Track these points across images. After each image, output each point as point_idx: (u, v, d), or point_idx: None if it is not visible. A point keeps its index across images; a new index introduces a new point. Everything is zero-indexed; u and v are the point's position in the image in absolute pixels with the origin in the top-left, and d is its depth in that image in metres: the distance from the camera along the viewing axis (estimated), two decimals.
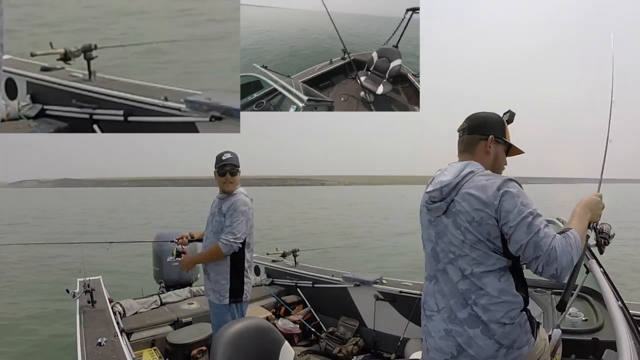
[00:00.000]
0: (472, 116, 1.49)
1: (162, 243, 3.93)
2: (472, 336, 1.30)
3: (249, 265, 2.51)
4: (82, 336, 2.31)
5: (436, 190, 1.38)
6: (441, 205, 1.37)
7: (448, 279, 1.37)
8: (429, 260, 1.47)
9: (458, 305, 1.33)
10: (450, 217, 1.34)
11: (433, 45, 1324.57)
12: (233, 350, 1.37)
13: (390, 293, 3.29)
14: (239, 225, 2.35)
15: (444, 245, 1.37)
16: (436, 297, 1.41)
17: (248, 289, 2.50)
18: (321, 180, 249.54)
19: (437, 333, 1.38)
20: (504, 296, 1.28)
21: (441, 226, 1.38)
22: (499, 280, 1.28)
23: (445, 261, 1.37)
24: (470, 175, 1.34)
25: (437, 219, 1.40)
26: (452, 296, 1.35)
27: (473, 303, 1.30)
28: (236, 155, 2.49)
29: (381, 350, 3.33)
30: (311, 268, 4.06)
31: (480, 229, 1.27)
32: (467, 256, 1.31)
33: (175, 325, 3.19)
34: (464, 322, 1.32)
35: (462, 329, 1.32)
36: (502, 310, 1.27)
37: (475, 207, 1.28)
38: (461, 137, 1.49)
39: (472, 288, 1.30)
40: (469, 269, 1.31)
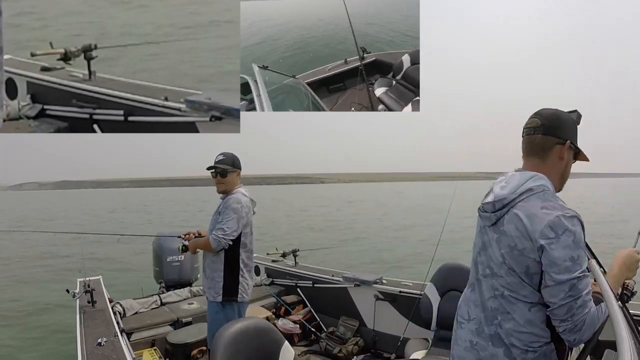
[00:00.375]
0: (545, 113, 1.28)
1: (163, 243, 3.94)
2: (494, 354, 1.24)
3: (245, 266, 2.51)
4: (82, 336, 2.31)
5: (489, 203, 1.28)
6: (490, 217, 1.27)
7: (482, 291, 1.31)
8: (472, 266, 1.40)
9: (487, 320, 1.28)
10: (496, 233, 1.26)
11: (433, 45, 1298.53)
12: (233, 350, 1.37)
13: (391, 293, 3.29)
14: (228, 222, 2.39)
15: (485, 258, 1.31)
16: (469, 306, 1.36)
17: (244, 290, 2.50)
18: (321, 178, 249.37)
19: (463, 343, 1.34)
20: (530, 327, 1.20)
21: (487, 237, 1.30)
22: (528, 310, 1.20)
23: (482, 273, 1.32)
24: (527, 194, 1.20)
25: (485, 229, 1.32)
26: (483, 309, 1.30)
27: (498, 324, 1.24)
28: (231, 156, 2.53)
29: (381, 350, 3.33)
30: (311, 268, 4.06)
31: (520, 259, 1.18)
32: (502, 278, 1.23)
33: (175, 325, 3.19)
34: (489, 339, 1.26)
35: (487, 344, 1.26)
36: (526, 340, 1.20)
37: (519, 235, 1.17)
38: (531, 135, 1.28)
39: (500, 309, 1.24)
40: (500, 290, 1.24)
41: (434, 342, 2.74)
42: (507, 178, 1.30)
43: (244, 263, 2.51)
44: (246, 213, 2.47)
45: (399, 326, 3.12)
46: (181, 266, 3.94)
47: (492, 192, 1.31)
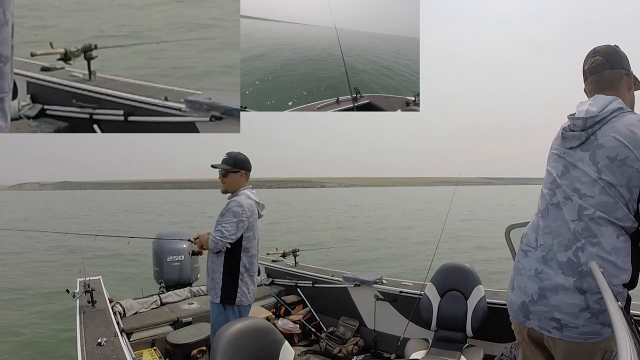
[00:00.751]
0: (603, 50, 1.32)
1: (163, 243, 3.94)
2: (560, 284, 1.18)
3: (246, 270, 2.45)
4: (82, 336, 2.30)
5: (580, 119, 1.24)
6: (580, 136, 1.24)
7: (559, 215, 1.24)
8: (545, 194, 1.34)
9: (561, 246, 1.21)
10: (587, 150, 1.22)
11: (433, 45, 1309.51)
12: (233, 351, 1.37)
13: (391, 293, 3.29)
14: (227, 224, 2.34)
15: (569, 181, 1.25)
16: (538, 233, 1.30)
17: (244, 294, 2.44)
18: (321, 182, 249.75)
19: (527, 272, 1.29)
20: (615, 256, 1.14)
21: (571, 159, 1.26)
22: (617, 238, 1.15)
23: (563, 196, 1.25)
24: (618, 112, 1.21)
25: (569, 151, 1.28)
26: (557, 234, 1.23)
27: (580, 248, 1.17)
28: (234, 156, 2.46)
29: (381, 350, 3.33)
30: (311, 268, 4.06)
31: (622, 169, 1.14)
32: (593, 198, 1.18)
33: (175, 325, 3.19)
34: (559, 267, 1.20)
35: (554, 273, 1.20)
36: (607, 270, 1.12)
37: (620, 144, 1.15)
38: (599, 73, 1.31)
39: (586, 232, 1.17)
40: (590, 210, 1.18)
41: (434, 342, 2.75)
42: (591, 100, 1.28)
43: (245, 267, 2.45)
44: (247, 217, 2.39)
45: (399, 326, 3.12)
46: (181, 266, 3.94)
47: (577, 111, 1.28)
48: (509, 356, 2.46)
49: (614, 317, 0.79)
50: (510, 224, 2.94)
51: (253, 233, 2.48)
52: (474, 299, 2.78)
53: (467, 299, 2.81)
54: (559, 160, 1.32)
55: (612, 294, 0.95)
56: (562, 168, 1.29)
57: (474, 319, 2.74)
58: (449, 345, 2.68)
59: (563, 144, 1.31)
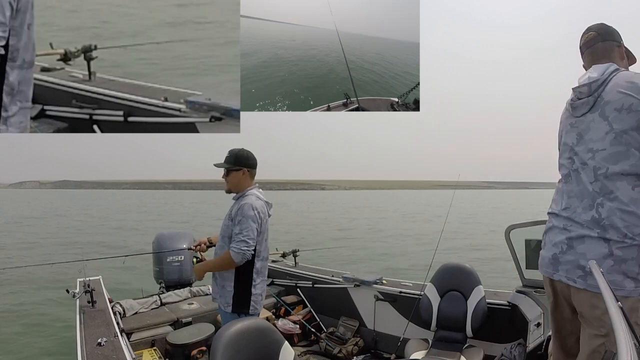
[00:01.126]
0: (595, 26, 1.49)
1: (163, 243, 3.93)
2: (586, 234, 1.29)
3: (258, 275, 2.29)
4: (82, 336, 2.30)
5: (585, 85, 1.38)
6: (588, 101, 1.37)
7: (580, 179, 1.36)
8: (564, 164, 1.47)
9: (585, 206, 1.32)
10: (597, 110, 1.34)
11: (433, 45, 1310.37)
12: (233, 351, 1.37)
13: (390, 293, 3.29)
14: (249, 231, 2.16)
15: (584, 145, 1.37)
16: (563, 197, 1.43)
17: (257, 302, 2.28)
18: (321, 185, 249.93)
19: (556, 228, 1.41)
20: (634, 206, 1.24)
21: (584, 125, 1.38)
22: (632, 189, 1.25)
23: (580, 162, 1.37)
24: (616, 72, 1.35)
25: (580, 119, 1.40)
26: (581, 196, 1.35)
27: (600, 204, 1.28)
28: (235, 153, 2.30)
29: (381, 350, 3.33)
30: (311, 268, 4.06)
31: (630, 115, 1.26)
32: (605, 151, 1.30)
33: (175, 326, 3.19)
34: (584, 224, 1.31)
35: (581, 226, 1.31)
36: (627, 220, 1.24)
37: (623, 95, 1.28)
38: (592, 46, 1.48)
39: (603, 190, 1.29)
40: (604, 167, 1.29)
41: (433, 343, 2.75)
42: (590, 70, 1.42)
43: (258, 272, 2.28)
44: (261, 219, 2.25)
45: (398, 326, 3.12)
46: (181, 266, 3.93)
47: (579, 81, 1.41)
48: (509, 356, 2.46)
49: (614, 317, 0.79)
50: (510, 224, 2.94)
51: (265, 235, 2.33)
52: (474, 299, 2.78)
53: (467, 299, 2.81)
54: (571, 131, 1.44)
55: (612, 294, 0.95)
56: (577, 136, 1.41)
57: (474, 319, 2.74)
58: (449, 345, 2.69)
59: (573, 114, 1.43)
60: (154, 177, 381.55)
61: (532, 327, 2.29)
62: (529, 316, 2.45)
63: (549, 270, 1.44)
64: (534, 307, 2.52)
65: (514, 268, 2.93)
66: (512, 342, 2.58)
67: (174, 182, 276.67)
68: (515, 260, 2.89)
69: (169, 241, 3.96)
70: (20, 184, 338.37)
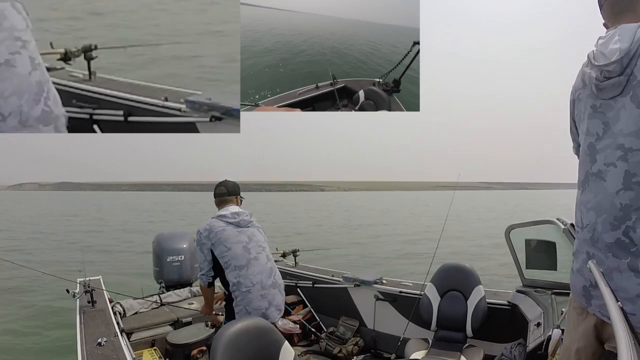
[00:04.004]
0: None
1: (163, 243, 3.94)
2: (615, 268, 1.02)
3: (239, 287, 2.24)
4: (82, 336, 2.31)
5: (615, 62, 1.03)
6: (620, 81, 1.03)
7: (602, 187, 1.05)
8: (583, 162, 1.15)
9: (606, 224, 1.03)
10: (628, 93, 1.02)
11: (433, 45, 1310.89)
12: (233, 350, 1.37)
13: (390, 293, 3.29)
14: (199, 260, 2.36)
15: (612, 139, 1.04)
16: (582, 211, 1.12)
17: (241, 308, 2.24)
18: (321, 186, 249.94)
19: (581, 254, 1.14)
20: None
21: (612, 112, 1.05)
22: None
23: (604, 162, 1.05)
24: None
25: (607, 103, 1.07)
26: (601, 211, 1.05)
27: (631, 227, 0.98)
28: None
29: (381, 350, 3.33)
30: (311, 268, 4.06)
31: None
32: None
33: (175, 326, 3.19)
34: (609, 249, 1.03)
35: (605, 256, 1.04)
36: None
37: None
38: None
39: (636, 204, 0.98)
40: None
41: (433, 343, 2.75)
42: (616, 34, 1.09)
43: (237, 284, 2.25)
44: (205, 237, 2.29)
45: (399, 326, 3.12)
46: (181, 266, 3.94)
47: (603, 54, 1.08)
48: (509, 356, 2.46)
49: (613, 317, 0.79)
50: (510, 224, 2.95)
51: (226, 245, 2.28)
52: (474, 299, 2.79)
53: (467, 299, 2.81)
54: (595, 116, 1.10)
55: (613, 294, 0.95)
56: (603, 126, 1.08)
57: (474, 319, 2.74)
58: (449, 345, 2.69)
59: (600, 95, 1.09)
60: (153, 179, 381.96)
61: (532, 327, 2.29)
62: (529, 316, 2.45)
63: (582, 302, 1.19)
64: (534, 307, 2.53)
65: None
66: (512, 342, 2.58)
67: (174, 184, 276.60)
68: (515, 260, 2.89)
69: (169, 241, 3.97)
70: (19, 185, 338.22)
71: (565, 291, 2.43)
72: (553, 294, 2.55)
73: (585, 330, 1.19)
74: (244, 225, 2.39)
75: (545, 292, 2.62)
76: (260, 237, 2.43)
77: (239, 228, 2.36)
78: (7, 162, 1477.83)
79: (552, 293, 2.57)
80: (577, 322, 1.23)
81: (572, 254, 1.24)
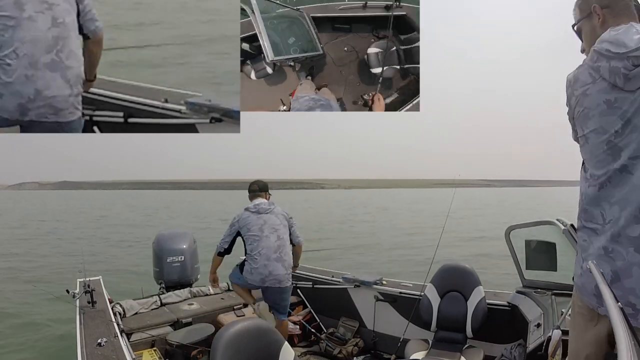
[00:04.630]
0: None
1: (162, 243, 3.94)
2: (635, 262, 0.99)
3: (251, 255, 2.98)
4: (82, 336, 2.31)
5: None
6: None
7: (629, 181, 1.01)
8: (600, 159, 1.10)
9: (631, 217, 1.00)
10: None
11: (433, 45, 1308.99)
12: (233, 351, 1.37)
13: (390, 294, 3.29)
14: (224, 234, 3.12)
15: (636, 133, 1.00)
16: (602, 207, 1.08)
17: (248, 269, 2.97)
18: (321, 184, 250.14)
19: (596, 251, 1.09)
20: None
21: (634, 106, 1.00)
22: None
23: (630, 155, 1.01)
24: None
25: (624, 96, 1.02)
26: (627, 204, 1.02)
27: None
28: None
29: (381, 351, 3.33)
30: (311, 269, 4.06)
31: None
32: None
33: (175, 326, 3.19)
34: (631, 242, 1.00)
35: (626, 251, 1.01)
36: None
37: None
38: None
39: None
40: None
41: (433, 343, 2.74)
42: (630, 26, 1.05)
43: (249, 253, 3.00)
44: (235, 222, 3.06)
45: (399, 327, 3.12)
46: (181, 267, 3.93)
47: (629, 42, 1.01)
48: (509, 357, 2.46)
49: (613, 317, 0.79)
50: (510, 224, 2.95)
51: (254, 226, 3.00)
52: (474, 300, 2.79)
53: (467, 299, 2.81)
54: (609, 113, 1.05)
55: (613, 294, 0.95)
56: (621, 122, 1.03)
57: (474, 320, 2.74)
58: (449, 346, 2.69)
59: (626, 87, 1.02)
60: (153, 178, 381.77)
61: (532, 327, 2.29)
62: (529, 317, 2.45)
63: (592, 302, 1.14)
64: (534, 307, 2.52)
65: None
66: (512, 342, 2.58)
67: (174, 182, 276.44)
68: (515, 260, 2.89)
69: (169, 241, 3.97)
70: (19, 185, 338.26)
71: (565, 292, 2.43)
72: (553, 295, 2.54)
73: (597, 336, 1.15)
74: (263, 212, 3.06)
75: (545, 293, 2.62)
76: (275, 221, 3.06)
77: (258, 214, 3.04)
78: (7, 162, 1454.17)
79: (552, 294, 2.57)
80: (586, 327, 1.19)
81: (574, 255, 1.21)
